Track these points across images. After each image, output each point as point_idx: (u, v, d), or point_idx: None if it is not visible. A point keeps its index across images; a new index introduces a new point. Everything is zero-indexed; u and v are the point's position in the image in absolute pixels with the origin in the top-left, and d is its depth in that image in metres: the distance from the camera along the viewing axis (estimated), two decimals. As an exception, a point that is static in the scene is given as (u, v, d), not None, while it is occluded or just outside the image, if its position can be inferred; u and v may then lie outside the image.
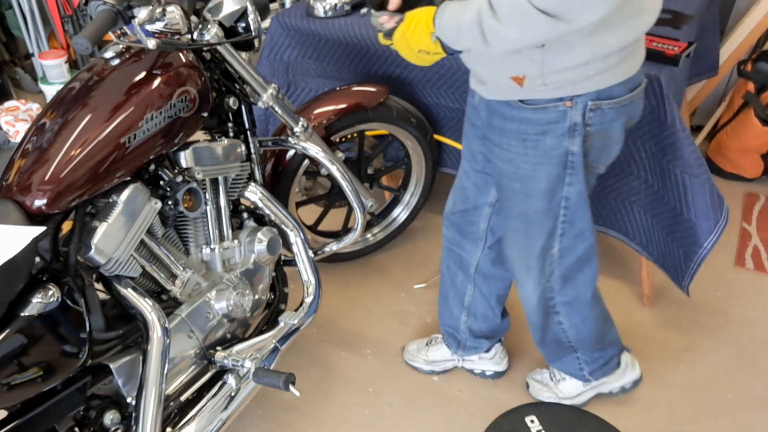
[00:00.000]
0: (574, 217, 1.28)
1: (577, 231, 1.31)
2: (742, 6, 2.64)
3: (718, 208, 1.56)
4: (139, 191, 1.20)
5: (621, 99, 1.14)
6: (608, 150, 1.23)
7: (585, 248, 1.35)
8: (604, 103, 1.12)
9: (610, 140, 1.20)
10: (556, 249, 1.34)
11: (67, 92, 1.17)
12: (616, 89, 1.12)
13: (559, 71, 1.08)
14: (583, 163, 1.20)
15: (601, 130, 1.16)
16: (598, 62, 1.07)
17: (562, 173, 1.21)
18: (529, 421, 1.32)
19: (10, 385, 1.04)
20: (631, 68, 1.13)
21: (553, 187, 1.23)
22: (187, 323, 1.33)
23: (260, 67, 2.11)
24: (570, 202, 1.26)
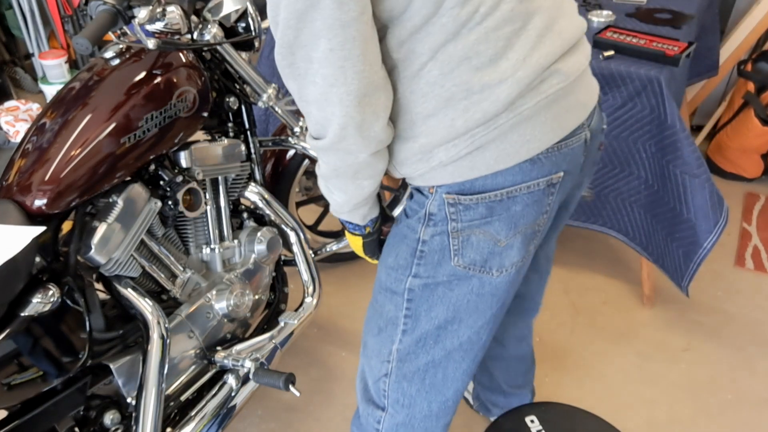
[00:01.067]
0: (418, 314, 1.03)
1: (421, 334, 1.05)
2: (742, 6, 2.64)
3: (717, 209, 1.56)
4: (139, 191, 1.20)
5: (491, 194, 0.90)
6: (497, 254, 0.96)
7: (426, 362, 1.07)
8: (464, 198, 0.91)
9: (494, 241, 0.95)
10: (395, 347, 1.08)
11: (67, 92, 1.17)
12: (486, 181, 0.90)
13: (404, 161, 0.93)
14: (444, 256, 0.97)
15: (472, 227, 0.94)
16: (440, 151, 0.88)
17: (410, 260, 1.01)
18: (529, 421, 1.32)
19: (10, 385, 1.04)
20: (501, 159, 0.88)
21: (398, 269, 1.03)
22: (187, 323, 1.33)
23: (260, 67, 2.11)
24: (413, 294, 1.03)
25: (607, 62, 1.61)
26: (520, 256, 0.97)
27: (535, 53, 0.84)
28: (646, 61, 1.60)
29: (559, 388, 1.73)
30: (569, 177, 0.95)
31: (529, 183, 0.90)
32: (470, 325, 1.03)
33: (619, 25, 1.81)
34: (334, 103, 0.80)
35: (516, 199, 0.91)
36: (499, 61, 0.83)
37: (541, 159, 0.89)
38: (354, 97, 0.79)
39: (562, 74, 0.87)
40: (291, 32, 0.77)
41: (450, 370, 1.07)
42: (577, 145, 0.94)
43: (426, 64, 0.83)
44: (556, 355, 1.83)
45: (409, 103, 0.86)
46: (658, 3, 1.97)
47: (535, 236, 0.97)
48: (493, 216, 0.92)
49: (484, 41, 0.81)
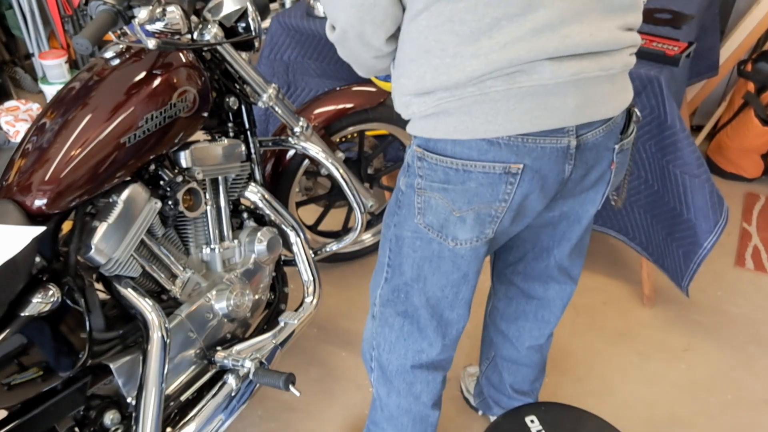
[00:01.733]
0: (394, 265, 1.11)
1: (395, 285, 1.13)
2: (742, 6, 2.64)
3: (717, 209, 1.56)
4: (139, 191, 1.20)
5: (449, 160, 0.94)
6: (452, 223, 1.00)
7: (401, 310, 1.15)
8: (428, 155, 0.96)
9: (450, 210, 0.99)
10: (379, 291, 1.17)
11: (67, 92, 1.17)
12: (446, 145, 0.94)
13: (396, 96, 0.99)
14: (411, 211, 1.03)
15: (432, 188, 0.98)
16: (414, 101, 0.94)
17: (393, 207, 1.09)
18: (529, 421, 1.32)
19: (10, 385, 1.04)
20: (460, 129, 0.91)
21: (389, 215, 1.11)
22: (187, 323, 1.33)
23: (260, 67, 2.11)
24: (393, 245, 1.10)
25: (607, 62, 1.60)
26: (474, 234, 1.01)
27: (520, 44, 0.85)
28: (646, 61, 1.60)
29: (559, 388, 1.73)
30: (536, 175, 0.95)
31: (484, 162, 0.93)
32: (435, 283, 1.10)
33: (619, 25, 1.81)
34: (338, 10, 0.92)
35: (471, 174, 0.94)
36: (480, 37, 0.85)
37: (500, 143, 0.91)
38: (356, 10, 0.89)
39: (549, 74, 0.87)
40: None
41: (422, 324, 1.16)
42: (551, 147, 0.93)
43: (421, 12, 0.87)
44: (556, 355, 1.83)
45: (402, 42, 0.93)
46: (658, 3, 1.97)
47: (493, 221, 1.00)
48: (449, 184, 0.96)
49: (471, 11, 0.84)
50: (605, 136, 1.00)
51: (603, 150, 1.02)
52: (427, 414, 1.28)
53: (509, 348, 1.44)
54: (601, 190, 1.10)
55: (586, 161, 1.00)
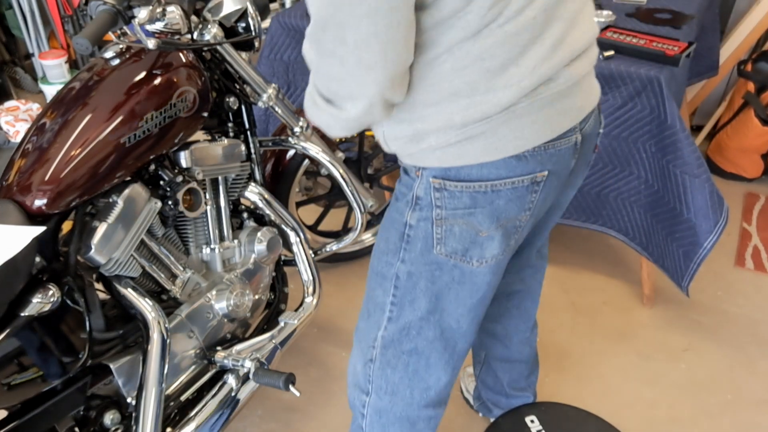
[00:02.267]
0: (403, 302, 1.06)
1: (405, 323, 1.07)
2: (742, 6, 2.64)
3: (717, 209, 1.56)
4: (139, 191, 1.20)
5: (476, 184, 0.92)
6: (479, 244, 0.98)
7: (410, 348, 1.09)
8: (450, 184, 0.93)
9: (476, 232, 0.96)
10: (380, 333, 1.10)
11: (67, 92, 1.17)
12: (471, 171, 0.92)
13: (396, 139, 0.95)
14: (428, 243, 0.99)
15: (456, 216, 0.95)
16: (432, 136, 0.90)
17: (398, 244, 1.03)
18: (529, 421, 1.32)
19: (10, 385, 1.04)
20: (489, 151, 0.90)
21: (389, 253, 1.05)
22: (187, 323, 1.33)
23: (260, 67, 2.11)
24: (400, 282, 1.05)
25: (607, 62, 1.61)
26: (501, 249, 0.99)
27: (545, 64, 0.85)
28: (646, 61, 1.60)
29: (559, 388, 1.73)
30: (554, 177, 0.97)
31: (513, 179, 0.92)
32: (451, 314, 1.05)
33: (619, 25, 1.81)
34: (367, 85, 0.81)
35: (500, 193, 0.93)
36: (509, 67, 0.84)
37: (527, 156, 0.91)
38: (390, 79, 0.81)
39: (562, 79, 0.89)
40: (330, 9, 0.76)
41: (432, 359, 1.10)
42: (566, 147, 0.95)
43: (440, 56, 0.83)
44: (556, 355, 1.83)
45: (415, 88, 0.87)
46: (658, 3, 1.97)
47: (516, 231, 0.99)
48: (476, 207, 0.94)
49: (501, 45, 0.82)
50: (595, 124, 1.04)
51: (594, 137, 1.05)
52: None
53: (499, 347, 1.44)
54: (583, 174, 1.13)
55: (583, 152, 1.03)
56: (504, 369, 1.48)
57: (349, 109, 0.86)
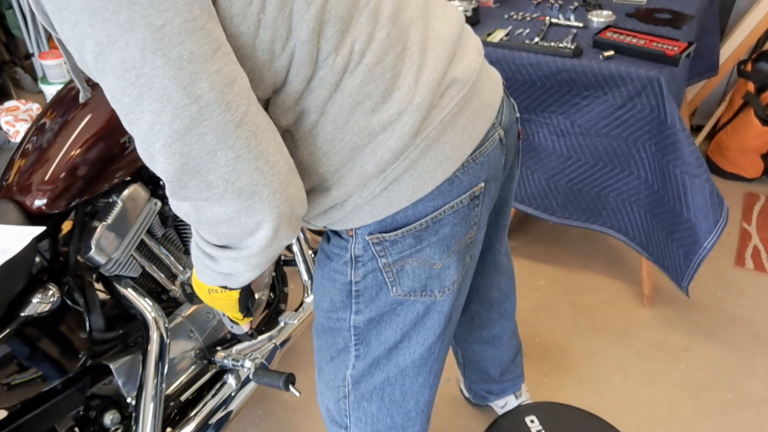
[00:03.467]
0: (368, 341, 1.00)
1: (374, 358, 1.01)
2: (742, 6, 2.64)
3: (717, 209, 1.56)
4: (139, 191, 1.20)
5: (416, 224, 0.85)
6: (435, 277, 0.92)
7: (382, 380, 1.03)
8: (388, 235, 0.86)
9: (430, 266, 0.91)
10: (349, 372, 1.04)
11: (67, 92, 1.17)
12: (404, 214, 0.85)
13: (317, 216, 0.87)
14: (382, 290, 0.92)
15: (404, 257, 0.89)
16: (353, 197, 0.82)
17: (346, 301, 0.96)
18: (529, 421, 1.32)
19: (10, 385, 1.04)
20: (419, 187, 0.83)
21: (337, 311, 0.98)
22: (187, 323, 1.33)
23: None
24: (359, 329, 0.99)
25: (607, 62, 1.61)
26: (459, 273, 0.94)
27: (424, 71, 0.78)
28: (646, 61, 1.60)
29: (559, 388, 1.73)
30: (492, 182, 0.92)
31: (452, 203, 0.86)
32: (420, 343, 1.00)
33: (619, 25, 1.81)
34: (259, 210, 0.69)
35: (442, 221, 0.87)
36: (392, 94, 0.77)
37: (458, 176, 0.85)
38: (281, 192, 0.69)
39: (460, 82, 0.82)
40: (176, 160, 0.64)
41: (407, 385, 1.05)
42: (493, 149, 0.90)
43: (317, 123, 0.76)
44: (556, 355, 1.83)
45: (312, 164, 0.79)
46: (658, 3, 1.97)
47: (469, 249, 0.94)
48: (422, 243, 0.88)
49: (370, 80, 0.75)
50: (510, 112, 0.97)
51: (513, 125, 0.99)
52: None
53: (490, 349, 1.45)
54: (517, 164, 1.08)
55: (508, 144, 0.97)
56: (492, 362, 1.49)
57: (251, 244, 0.74)
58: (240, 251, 0.76)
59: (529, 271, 1.95)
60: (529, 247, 2.21)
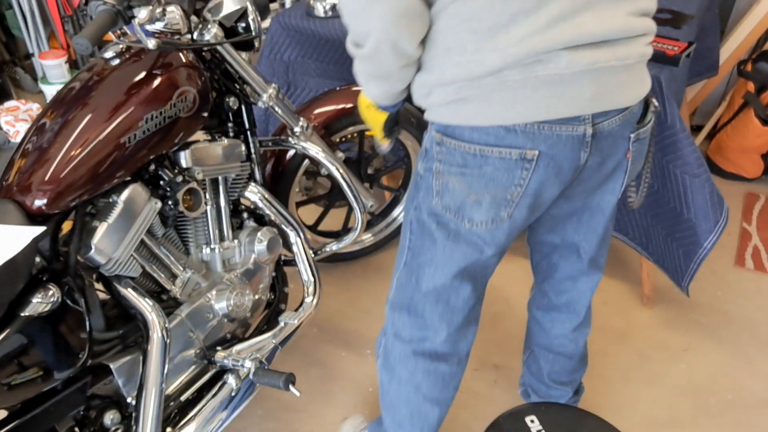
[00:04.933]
0: (412, 249, 1.14)
1: (410, 270, 1.16)
2: (742, 6, 2.64)
3: (717, 208, 1.56)
4: (139, 191, 1.20)
5: (466, 145, 0.97)
6: (468, 206, 1.03)
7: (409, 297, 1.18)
8: (447, 140, 0.99)
9: (467, 193, 1.02)
10: (397, 275, 1.20)
11: (67, 92, 1.17)
12: (462, 131, 0.97)
13: (414, 91, 1.03)
14: (429, 194, 1.07)
15: (450, 172, 1.01)
16: (435, 92, 0.98)
17: (413, 192, 1.12)
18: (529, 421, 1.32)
19: (10, 385, 1.04)
20: (479, 116, 0.94)
21: (410, 200, 1.14)
22: (187, 323, 1.33)
23: (260, 67, 2.11)
24: (413, 228, 1.13)
25: (607, 62, 1.60)
26: (489, 216, 1.03)
27: (536, 37, 0.87)
28: (646, 61, 1.59)
29: (559, 388, 1.73)
30: (551, 162, 0.97)
31: (501, 148, 0.95)
32: (445, 274, 1.12)
33: (619, 25, 1.81)
34: (373, 19, 0.89)
35: (488, 159, 0.97)
36: (497, 33, 0.88)
37: (516, 130, 0.94)
38: (393, 15, 0.88)
39: (565, 63, 0.89)
40: None
41: (427, 312, 1.18)
42: (567, 135, 0.95)
43: (438, 13, 0.91)
44: (556, 355, 1.83)
45: (426, 42, 0.96)
46: (658, 3, 1.96)
47: (509, 205, 1.02)
48: (466, 168, 0.99)
49: (488, 8, 0.86)
50: (621, 125, 1.01)
51: (619, 139, 1.03)
52: (426, 410, 1.28)
53: (543, 337, 1.47)
54: (619, 179, 1.12)
55: (602, 149, 1.02)
56: (546, 359, 1.50)
57: (365, 46, 0.94)
58: (360, 49, 0.96)
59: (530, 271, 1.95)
60: (529, 247, 2.21)
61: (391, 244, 2.25)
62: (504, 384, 1.74)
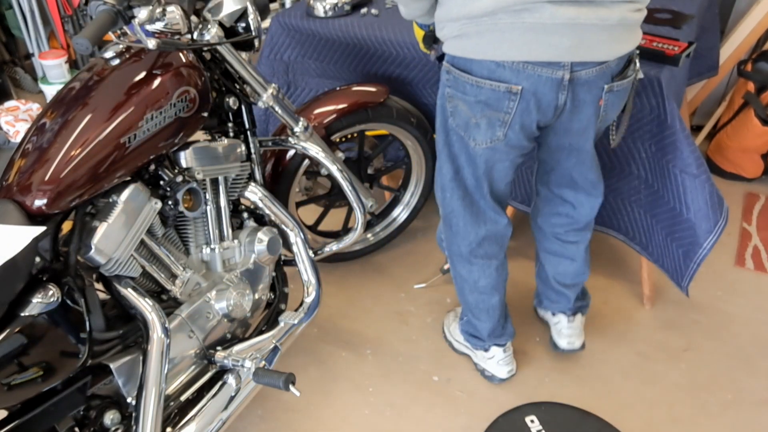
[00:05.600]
0: (440, 166, 1.43)
1: (441, 185, 1.45)
2: (742, 6, 2.64)
3: (717, 209, 1.56)
4: (139, 191, 1.20)
5: (466, 76, 1.21)
6: (473, 128, 1.28)
7: (449, 211, 1.47)
8: (453, 70, 1.23)
9: (470, 116, 1.26)
10: (438, 194, 1.49)
11: (67, 92, 1.17)
12: (464, 63, 1.21)
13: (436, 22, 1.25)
14: (444, 117, 1.34)
15: (456, 97, 1.26)
16: (446, 26, 1.20)
17: (440, 116, 1.37)
18: (529, 421, 1.32)
19: (10, 385, 1.04)
20: (476, 50, 1.16)
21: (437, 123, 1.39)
22: (187, 323, 1.33)
23: (260, 67, 2.11)
24: (440, 147, 1.40)
25: (607, 62, 1.60)
26: (488, 137, 1.28)
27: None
28: (646, 61, 1.60)
29: (559, 388, 1.73)
30: (532, 97, 1.19)
31: (492, 81, 1.19)
32: (469, 174, 1.38)
33: (619, 25, 1.81)
34: None
35: (482, 90, 1.20)
36: None
37: (505, 66, 1.16)
38: None
39: (548, 14, 1.08)
40: None
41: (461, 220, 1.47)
42: (546, 77, 1.16)
43: None
44: (556, 355, 1.83)
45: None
46: (658, 3, 1.97)
47: (503, 126, 1.25)
48: (467, 95, 1.23)
49: None
50: (597, 76, 1.21)
51: (594, 88, 1.23)
52: (486, 299, 1.58)
53: (546, 240, 1.67)
54: (590, 124, 1.31)
55: (577, 94, 1.22)
56: (551, 262, 1.69)
57: None
58: None
59: (530, 271, 1.95)
60: (530, 247, 2.21)
61: (392, 244, 2.25)
62: (504, 384, 1.74)
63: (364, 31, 1.90)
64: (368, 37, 1.89)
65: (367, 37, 1.89)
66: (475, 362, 1.77)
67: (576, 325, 1.77)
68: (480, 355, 1.74)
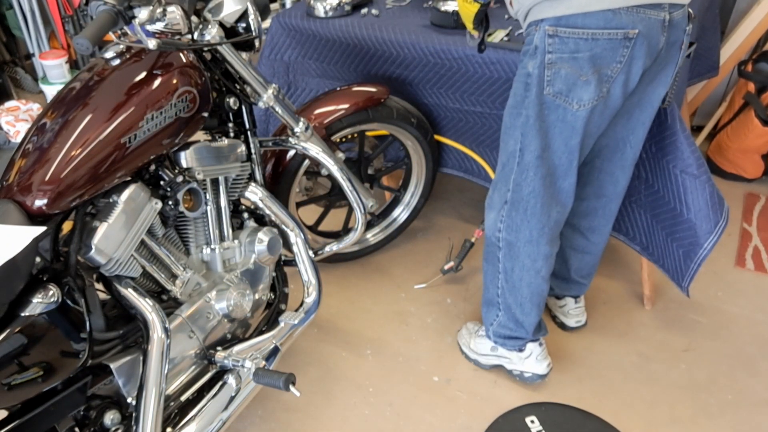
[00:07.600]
0: (524, 146, 1.37)
1: (525, 165, 1.39)
2: (743, 6, 2.64)
3: (718, 209, 1.56)
4: (140, 191, 1.20)
5: (582, 31, 1.21)
6: (578, 86, 1.27)
7: (528, 191, 1.42)
8: (561, 30, 1.22)
9: (578, 75, 1.26)
10: (513, 176, 1.43)
11: (67, 92, 1.17)
12: (577, 19, 1.21)
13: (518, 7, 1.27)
14: (540, 86, 1.30)
15: (563, 59, 1.25)
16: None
17: (523, 93, 1.33)
18: (529, 421, 1.32)
19: (10, 385, 1.04)
20: (591, 2, 1.19)
21: (517, 106, 1.36)
22: (187, 323, 1.33)
23: (260, 67, 2.11)
24: (524, 127, 1.35)
25: (607, 62, 1.60)
26: (596, 94, 1.28)
27: None
28: (647, 62, 1.59)
29: (559, 388, 1.73)
30: (644, 41, 1.23)
31: (609, 30, 1.21)
32: (556, 151, 1.36)
33: (620, 25, 1.81)
34: None
35: (598, 42, 1.22)
36: None
37: (621, 13, 1.20)
38: None
39: None
40: None
41: (539, 201, 1.42)
42: (655, 19, 1.22)
43: None
44: (556, 355, 1.83)
45: None
46: (658, 3, 1.96)
47: (608, 80, 1.27)
48: (579, 52, 1.23)
49: None
50: (682, 19, 1.29)
51: (680, 31, 1.30)
52: (543, 288, 1.56)
53: (579, 239, 1.70)
54: (671, 71, 1.37)
55: (670, 36, 1.28)
56: (577, 258, 1.75)
57: None
58: None
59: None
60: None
61: (392, 244, 2.25)
62: (504, 384, 1.74)
63: (364, 32, 1.90)
64: (369, 38, 1.89)
65: (368, 38, 1.89)
66: (510, 369, 1.72)
67: (581, 304, 1.88)
68: (516, 358, 1.70)
